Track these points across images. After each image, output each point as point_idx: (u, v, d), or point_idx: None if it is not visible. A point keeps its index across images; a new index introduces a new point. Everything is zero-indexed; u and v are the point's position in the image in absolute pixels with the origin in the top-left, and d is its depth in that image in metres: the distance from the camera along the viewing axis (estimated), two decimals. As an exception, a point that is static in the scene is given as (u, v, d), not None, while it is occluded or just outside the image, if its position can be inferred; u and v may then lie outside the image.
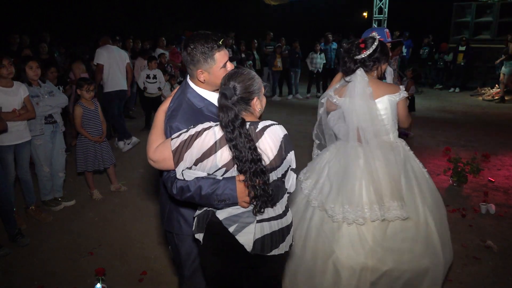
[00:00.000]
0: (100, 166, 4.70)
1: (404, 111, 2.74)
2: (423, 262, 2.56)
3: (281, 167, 1.82)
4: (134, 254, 3.57)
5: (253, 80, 1.82)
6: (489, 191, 4.73)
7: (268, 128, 1.80)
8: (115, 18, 17.84)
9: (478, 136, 7.34)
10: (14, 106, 3.86)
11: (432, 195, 2.73)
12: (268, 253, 1.86)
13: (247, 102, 1.82)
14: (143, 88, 7.85)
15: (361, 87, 2.61)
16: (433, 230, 2.61)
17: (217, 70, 1.92)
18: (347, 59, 2.68)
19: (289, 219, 1.94)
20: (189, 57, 1.91)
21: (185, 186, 1.80)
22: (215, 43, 1.88)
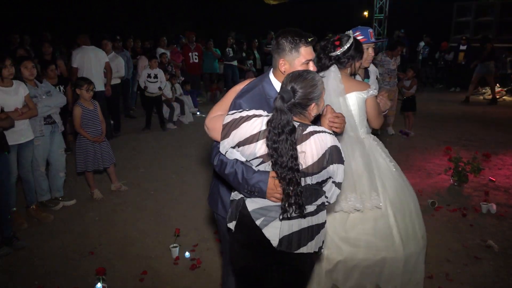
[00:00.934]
0: (100, 166, 4.69)
1: (373, 110, 2.76)
2: (379, 253, 2.66)
3: (318, 175, 1.79)
4: (134, 253, 3.57)
5: (315, 87, 1.79)
6: (490, 191, 4.72)
7: (316, 133, 1.77)
8: (115, 17, 17.83)
9: (479, 136, 7.33)
10: (15, 105, 3.87)
11: (397, 188, 2.78)
12: (296, 250, 1.85)
13: (304, 107, 1.80)
14: (144, 88, 7.86)
15: (334, 83, 2.68)
16: (392, 222, 2.69)
17: (299, 63, 1.96)
18: (322, 56, 2.76)
19: (320, 218, 1.91)
20: (277, 46, 1.99)
21: (225, 163, 1.87)
22: (304, 38, 1.94)
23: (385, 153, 2.89)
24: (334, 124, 1.97)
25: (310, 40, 1.95)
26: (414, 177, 5.29)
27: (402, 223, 2.71)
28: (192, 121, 8.70)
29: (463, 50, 12.22)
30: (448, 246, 3.59)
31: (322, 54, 2.76)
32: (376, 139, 2.92)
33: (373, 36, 3.05)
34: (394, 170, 2.83)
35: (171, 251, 3.48)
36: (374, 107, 2.76)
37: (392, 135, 7.26)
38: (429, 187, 4.95)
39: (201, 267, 3.33)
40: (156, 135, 7.65)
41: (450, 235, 3.79)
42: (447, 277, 3.15)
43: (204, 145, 6.43)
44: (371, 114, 2.79)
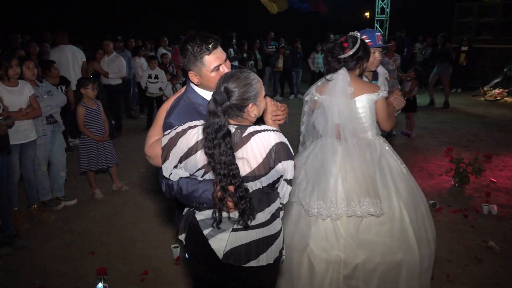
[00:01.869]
0: (103, 165, 4.71)
1: (382, 112, 2.72)
2: (396, 256, 2.60)
3: (267, 176, 1.70)
4: (135, 253, 3.57)
5: (250, 86, 1.70)
6: (491, 192, 4.71)
7: (257, 134, 1.68)
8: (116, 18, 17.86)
9: (480, 137, 7.32)
10: (20, 105, 3.88)
11: (409, 190, 2.76)
12: (244, 264, 1.75)
13: (241, 108, 1.71)
14: (145, 88, 7.87)
15: (342, 86, 2.64)
16: (407, 224, 2.65)
17: (207, 73, 1.86)
18: (330, 58, 2.70)
19: (273, 228, 1.80)
20: (182, 58, 1.90)
21: (170, 185, 1.81)
22: (205, 46, 1.81)
23: (395, 155, 2.86)
24: (277, 117, 1.93)
25: (211, 45, 1.82)
26: (415, 177, 5.21)
27: (416, 225, 2.67)
28: (193, 121, 8.69)
29: (465, 51, 12.21)
30: (449, 247, 3.59)
31: (330, 57, 2.70)
32: (386, 141, 2.89)
33: (381, 40, 2.99)
34: (405, 173, 2.81)
35: (172, 251, 3.48)
36: (384, 109, 2.72)
37: (393, 135, 7.25)
38: (430, 188, 4.95)
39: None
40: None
41: (451, 236, 3.79)
42: (448, 278, 3.15)
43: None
44: (381, 116, 2.74)
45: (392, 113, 2.87)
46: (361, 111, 2.69)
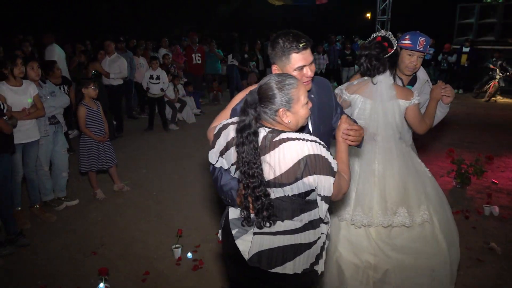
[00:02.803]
0: (104, 165, 4.72)
1: (414, 118, 2.67)
2: (429, 261, 2.56)
3: (292, 186, 1.67)
4: (137, 254, 3.58)
5: (280, 90, 1.66)
6: (492, 193, 4.71)
7: (289, 141, 1.65)
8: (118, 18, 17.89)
9: (481, 138, 7.31)
10: (23, 105, 3.89)
11: (436, 195, 2.73)
12: (269, 269, 1.73)
13: (272, 112, 1.68)
14: (146, 89, 7.88)
15: (386, 88, 2.58)
16: (438, 229, 2.62)
17: (290, 70, 1.87)
18: (375, 62, 2.59)
19: (305, 238, 1.76)
20: (271, 50, 1.92)
21: (212, 171, 1.87)
22: (296, 43, 1.83)
23: (419, 159, 2.83)
24: (349, 137, 1.85)
25: (302, 45, 1.84)
26: (417, 179, 5.28)
27: (446, 230, 2.66)
28: (194, 122, 8.72)
29: (466, 52, 12.19)
30: (450, 248, 3.58)
31: (374, 58, 2.59)
32: (413, 145, 2.86)
33: (423, 45, 2.83)
34: (430, 176, 2.78)
35: (173, 251, 3.49)
36: (415, 116, 2.66)
37: None
38: (432, 189, 4.94)
39: (203, 268, 3.33)
40: (158, 136, 7.67)
41: (453, 237, 3.78)
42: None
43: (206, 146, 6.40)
44: (413, 122, 2.69)
45: (431, 113, 2.81)
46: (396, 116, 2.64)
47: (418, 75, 3.06)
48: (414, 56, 2.85)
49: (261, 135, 1.70)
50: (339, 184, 1.73)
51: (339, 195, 1.78)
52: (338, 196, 1.77)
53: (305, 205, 1.75)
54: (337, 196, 1.77)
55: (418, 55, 2.86)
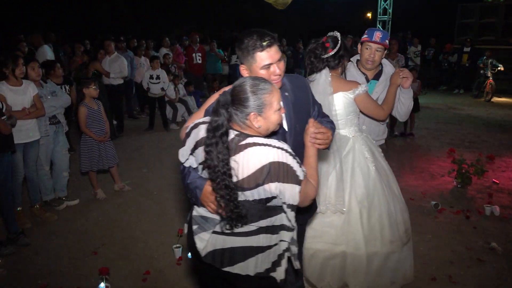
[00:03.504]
0: (104, 165, 4.72)
1: (365, 106, 2.79)
2: (338, 246, 2.74)
3: (252, 191, 1.65)
4: (137, 253, 3.58)
5: (254, 94, 1.65)
6: (493, 193, 4.71)
7: (255, 146, 1.63)
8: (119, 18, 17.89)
9: (482, 138, 7.31)
10: (23, 104, 3.89)
11: (369, 189, 2.79)
12: (221, 268, 1.76)
13: (243, 115, 1.67)
14: (146, 89, 7.88)
15: (323, 86, 2.71)
16: (356, 220, 2.73)
17: (256, 69, 1.86)
18: (313, 59, 2.75)
19: (257, 242, 1.75)
20: (237, 51, 1.92)
21: (182, 169, 1.88)
22: (260, 42, 1.82)
23: (372, 152, 2.88)
24: (317, 140, 1.86)
25: (266, 43, 1.81)
26: (417, 178, 5.28)
27: (367, 223, 2.74)
28: (195, 121, 8.70)
29: (467, 52, 12.19)
30: (451, 248, 3.58)
31: (313, 58, 2.76)
32: (368, 138, 2.94)
33: (379, 38, 2.97)
34: (373, 169, 2.82)
35: (174, 251, 3.49)
36: (366, 104, 2.79)
37: (396, 136, 7.25)
38: (433, 189, 4.94)
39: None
40: (159, 135, 7.67)
41: (453, 237, 3.78)
42: (450, 279, 3.14)
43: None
44: (367, 111, 2.84)
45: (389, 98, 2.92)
46: (336, 108, 2.77)
47: (384, 69, 3.16)
48: (372, 49, 3.00)
49: (230, 137, 1.70)
50: (305, 191, 1.72)
51: (306, 201, 1.77)
52: (305, 202, 1.77)
53: (264, 212, 1.73)
54: (304, 203, 1.76)
55: (376, 48, 2.99)
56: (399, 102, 3.03)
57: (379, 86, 3.11)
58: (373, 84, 3.13)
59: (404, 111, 3.07)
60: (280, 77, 1.89)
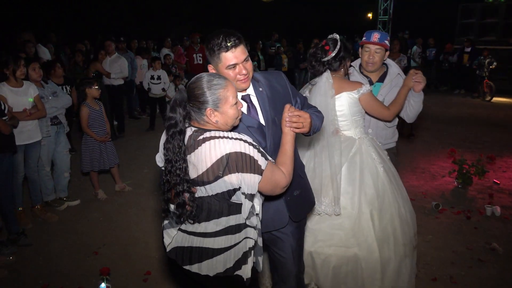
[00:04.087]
0: (106, 165, 4.72)
1: (369, 106, 2.77)
2: (350, 250, 2.65)
3: (212, 184, 1.66)
4: (138, 254, 3.58)
5: (208, 90, 1.67)
6: (494, 193, 4.71)
7: (212, 139, 1.65)
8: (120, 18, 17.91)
9: (483, 138, 7.31)
10: (24, 105, 3.90)
11: (379, 190, 2.74)
12: (183, 266, 1.77)
13: (199, 111, 1.70)
14: (147, 89, 7.89)
15: (324, 89, 2.71)
16: (367, 222, 2.67)
17: (222, 69, 1.87)
18: (314, 63, 2.76)
19: (217, 243, 1.74)
20: (206, 51, 1.93)
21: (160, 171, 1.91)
22: (224, 43, 1.83)
23: (379, 154, 2.84)
24: (293, 124, 1.85)
25: (230, 44, 1.82)
26: (418, 179, 5.28)
27: (379, 225, 2.68)
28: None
29: (468, 52, 12.18)
30: (452, 249, 3.58)
31: (314, 61, 2.77)
32: (373, 140, 2.90)
33: (377, 38, 2.95)
34: (381, 170, 2.78)
35: (175, 251, 3.48)
36: (370, 104, 2.76)
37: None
38: (434, 189, 4.94)
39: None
40: (160, 135, 7.62)
41: (454, 238, 3.78)
42: (451, 280, 3.14)
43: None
44: (371, 110, 2.81)
45: (398, 100, 2.88)
46: (339, 109, 2.74)
47: (389, 71, 3.12)
48: (371, 51, 2.97)
49: (188, 134, 1.72)
50: (272, 179, 1.72)
51: (276, 189, 1.77)
52: (275, 191, 1.77)
53: (227, 208, 1.73)
54: (274, 191, 1.77)
55: (375, 50, 2.96)
56: (409, 105, 2.98)
57: (384, 88, 3.07)
58: (378, 87, 3.09)
59: (413, 114, 3.03)
60: (246, 76, 1.90)
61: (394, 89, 3.03)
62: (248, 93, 2.02)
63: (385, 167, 2.81)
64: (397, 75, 3.11)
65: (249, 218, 1.75)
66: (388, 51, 3.04)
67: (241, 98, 1.99)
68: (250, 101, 2.02)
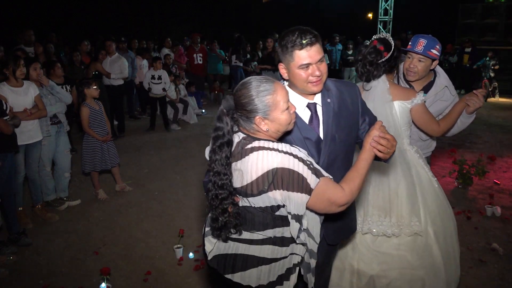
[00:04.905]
0: (107, 165, 4.72)
1: (420, 118, 2.56)
2: (417, 272, 2.44)
3: (256, 198, 1.58)
4: (138, 253, 3.58)
5: (255, 98, 1.57)
6: (494, 193, 4.70)
7: (260, 150, 1.55)
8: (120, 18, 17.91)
9: (483, 138, 7.30)
10: (25, 105, 3.90)
11: (439, 206, 2.60)
12: (223, 274, 1.70)
13: (248, 119, 1.61)
14: (148, 89, 7.89)
15: (381, 93, 2.50)
16: (433, 241, 2.48)
17: (294, 68, 1.75)
18: (369, 67, 2.51)
19: (262, 252, 1.66)
20: (278, 48, 1.80)
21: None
22: (299, 40, 1.70)
23: (427, 166, 2.67)
24: (378, 146, 1.66)
25: (305, 41, 1.69)
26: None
27: (443, 243, 2.51)
28: (196, 122, 8.73)
29: (468, 52, 12.18)
30: (452, 249, 3.57)
31: (368, 65, 2.51)
32: (419, 151, 2.70)
33: (422, 46, 2.64)
34: (436, 186, 2.64)
35: (175, 251, 3.49)
36: (422, 116, 2.55)
37: None
38: (434, 190, 4.93)
39: (204, 268, 3.33)
40: (160, 136, 7.68)
41: (455, 238, 3.77)
42: None
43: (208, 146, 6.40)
44: (420, 123, 2.59)
45: (449, 116, 2.68)
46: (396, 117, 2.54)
47: (436, 81, 2.85)
48: (414, 59, 2.71)
49: (236, 140, 1.63)
50: (325, 197, 1.57)
51: (331, 208, 1.62)
52: (330, 209, 1.62)
53: (272, 221, 1.64)
54: (329, 210, 1.63)
55: (418, 58, 2.69)
56: (460, 122, 2.78)
57: (426, 100, 2.74)
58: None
59: (456, 131, 2.83)
60: (319, 78, 1.76)
61: (437, 103, 2.81)
62: (315, 102, 1.87)
63: (436, 180, 2.65)
64: (444, 87, 2.83)
65: (298, 236, 1.64)
66: (437, 61, 2.75)
67: (306, 105, 1.86)
68: (315, 110, 1.88)
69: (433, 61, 2.72)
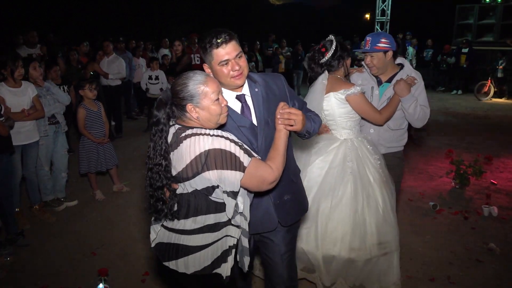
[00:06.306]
0: (103, 167, 4.71)
1: (361, 108, 2.77)
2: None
3: (191, 181, 1.67)
4: (136, 254, 3.58)
5: (185, 86, 1.70)
6: (491, 194, 4.72)
7: (192, 136, 1.66)
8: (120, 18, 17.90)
9: (480, 138, 7.33)
10: (23, 106, 3.89)
11: (338, 190, 2.77)
12: (163, 262, 1.81)
13: (181, 108, 1.72)
14: (145, 89, 7.88)
15: (318, 90, 2.79)
16: (347, 218, 2.74)
17: (215, 66, 1.87)
18: (313, 65, 2.85)
19: (193, 241, 1.75)
20: (200, 51, 1.94)
21: None
22: (215, 40, 1.83)
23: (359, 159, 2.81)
24: (284, 122, 1.84)
25: (220, 40, 1.82)
26: (416, 179, 5.29)
27: (353, 224, 2.74)
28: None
29: (465, 53, 12.22)
30: (449, 249, 3.59)
31: (312, 64, 2.85)
32: (363, 143, 2.87)
33: (369, 44, 2.91)
34: (353, 170, 2.80)
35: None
36: (360, 106, 2.76)
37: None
38: (431, 190, 4.95)
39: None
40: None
41: (452, 238, 3.79)
42: (449, 280, 3.15)
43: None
44: (360, 112, 2.81)
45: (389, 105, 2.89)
46: (326, 108, 2.80)
47: (400, 72, 3.04)
48: (367, 57, 2.97)
49: (171, 132, 1.74)
50: (257, 175, 1.69)
51: (263, 185, 1.74)
52: (262, 187, 1.75)
53: (205, 206, 1.74)
54: (261, 187, 1.75)
55: (370, 55, 2.95)
56: (404, 110, 2.94)
57: (389, 89, 2.99)
58: (385, 87, 3.04)
59: (411, 119, 2.98)
60: (239, 72, 1.88)
61: None
62: (243, 93, 2.01)
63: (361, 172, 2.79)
64: (407, 76, 2.99)
65: (233, 217, 1.74)
66: (390, 51, 2.93)
67: (235, 97, 1.99)
68: (245, 101, 2.02)
69: (385, 53, 2.92)
